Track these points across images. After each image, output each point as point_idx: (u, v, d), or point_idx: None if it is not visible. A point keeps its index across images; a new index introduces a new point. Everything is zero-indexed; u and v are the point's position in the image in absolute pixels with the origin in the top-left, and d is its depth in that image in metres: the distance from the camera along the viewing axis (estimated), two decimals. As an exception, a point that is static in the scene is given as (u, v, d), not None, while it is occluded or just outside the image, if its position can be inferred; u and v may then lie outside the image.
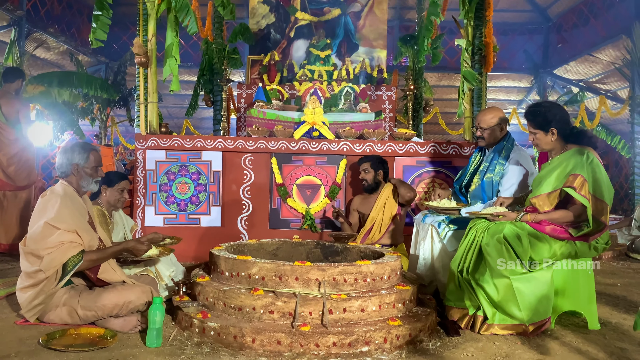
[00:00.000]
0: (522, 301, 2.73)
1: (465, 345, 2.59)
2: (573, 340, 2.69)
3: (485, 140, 3.57)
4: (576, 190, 2.72)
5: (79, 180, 2.84)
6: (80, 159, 2.82)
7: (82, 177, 2.83)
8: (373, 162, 4.30)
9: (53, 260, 2.55)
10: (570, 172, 2.78)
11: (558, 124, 2.90)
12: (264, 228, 4.68)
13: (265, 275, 2.68)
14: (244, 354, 2.37)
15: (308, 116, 4.90)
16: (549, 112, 2.92)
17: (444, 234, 3.29)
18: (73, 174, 2.82)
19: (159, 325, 2.44)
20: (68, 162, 2.81)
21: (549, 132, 2.92)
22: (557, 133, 2.91)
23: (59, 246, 2.57)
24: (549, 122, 2.91)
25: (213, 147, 4.67)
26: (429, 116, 10.74)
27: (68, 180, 2.83)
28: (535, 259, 2.79)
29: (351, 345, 2.41)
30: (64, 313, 2.63)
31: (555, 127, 2.90)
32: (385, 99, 6.61)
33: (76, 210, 2.72)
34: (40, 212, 2.68)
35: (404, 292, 2.77)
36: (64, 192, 2.75)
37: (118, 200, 3.43)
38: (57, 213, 2.62)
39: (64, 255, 2.57)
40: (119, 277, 2.76)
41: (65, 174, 2.83)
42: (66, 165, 2.82)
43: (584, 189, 2.71)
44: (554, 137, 2.92)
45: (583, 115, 10.71)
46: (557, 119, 2.90)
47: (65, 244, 2.58)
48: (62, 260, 2.56)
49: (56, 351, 2.30)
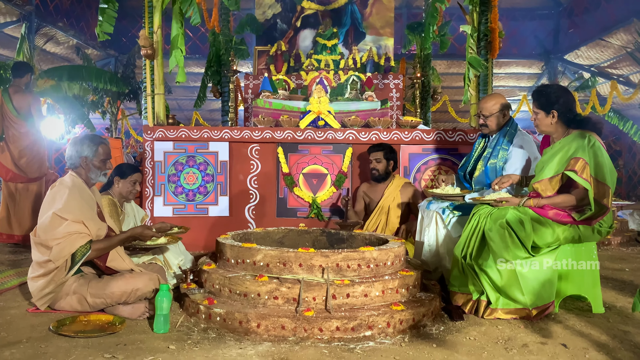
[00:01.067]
0: (526, 286, 2.74)
1: (469, 329, 2.61)
2: (576, 323, 2.70)
3: (489, 128, 3.55)
4: (578, 174, 2.71)
5: (88, 172, 2.89)
6: (89, 152, 2.87)
7: (91, 169, 2.89)
8: (386, 152, 4.30)
9: (62, 251, 2.62)
10: (572, 156, 2.77)
11: (560, 107, 2.89)
12: (271, 217, 4.72)
13: (270, 262, 2.71)
14: (249, 339, 2.41)
15: (313, 105, 4.91)
16: (553, 94, 2.91)
17: (448, 220, 3.30)
18: (82, 166, 2.88)
19: (166, 311, 2.50)
20: (77, 155, 2.87)
21: (550, 114, 2.91)
22: (557, 116, 2.90)
23: (67, 237, 2.63)
24: (551, 103, 2.90)
25: (220, 137, 4.71)
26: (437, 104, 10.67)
27: (77, 172, 2.89)
28: (538, 244, 2.80)
29: (354, 330, 2.44)
30: (74, 301, 2.70)
31: (556, 110, 2.89)
32: (392, 87, 6.58)
33: (84, 201, 2.78)
34: (49, 203, 2.74)
35: (408, 278, 2.79)
36: (72, 183, 2.81)
37: (130, 192, 3.49)
38: (64, 204, 2.68)
39: (72, 245, 2.63)
40: (127, 265, 2.82)
41: (74, 166, 2.89)
42: (75, 157, 2.87)
43: (586, 172, 2.71)
44: (554, 120, 2.91)
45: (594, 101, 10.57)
46: (560, 102, 2.89)
47: (73, 234, 2.64)
48: (71, 250, 2.62)
49: (66, 337, 2.36)
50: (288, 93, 5.65)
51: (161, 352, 2.23)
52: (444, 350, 2.31)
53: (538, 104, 2.96)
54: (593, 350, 2.32)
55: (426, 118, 7.28)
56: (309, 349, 2.30)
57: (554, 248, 2.82)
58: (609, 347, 2.36)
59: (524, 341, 2.43)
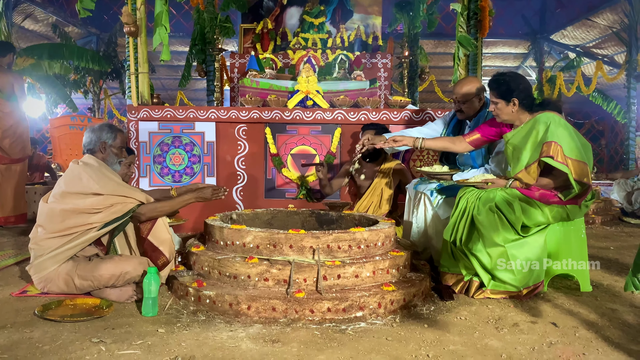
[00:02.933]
0: (516, 266, 2.74)
1: (459, 309, 2.62)
2: (565, 302, 2.72)
3: (465, 113, 3.48)
4: (554, 159, 2.69)
5: (105, 158, 2.93)
6: (109, 138, 2.94)
7: (109, 155, 2.94)
8: (377, 132, 4.25)
9: (114, 213, 2.67)
10: (543, 141, 2.75)
11: (520, 94, 2.87)
12: (259, 198, 4.67)
13: (260, 243, 2.68)
14: (240, 321, 2.39)
15: (302, 85, 4.83)
16: (512, 82, 2.88)
17: (436, 201, 3.28)
18: (100, 150, 2.93)
19: (155, 294, 2.45)
20: (97, 139, 2.93)
21: (510, 103, 2.88)
22: (518, 104, 2.87)
23: (114, 205, 2.68)
24: (511, 91, 2.87)
25: (206, 117, 4.62)
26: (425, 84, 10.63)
27: (95, 156, 2.90)
28: (528, 224, 2.79)
29: (345, 311, 2.43)
30: (62, 282, 2.65)
31: (517, 97, 2.87)
32: (380, 66, 6.50)
33: (113, 176, 2.81)
34: (73, 180, 2.72)
35: (398, 258, 2.78)
36: (97, 163, 2.84)
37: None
38: (98, 182, 2.69)
39: (123, 207, 2.69)
40: (168, 236, 2.81)
41: (92, 151, 2.93)
42: (95, 142, 2.92)
43: (560, 155, 2.68)
44: (515, 108, 2.89)
45: (579, 81, 10.63)
46: (519, 89, 2.87)
47: (119, 204, 2.69)
48: (123, 210, 2.68)
49: (52, 321, 2.31)
50: (275, 72, 5.55)
51: (150, 335, 2.19)
52: (435, 330, 2.31)
53: (497, 93, 2.91)
54: (583, 328, 2.34)
55: (414, 98, 7.25)
56: (300, 331, 2.28)
57: (543, 228, 2.82)
58: (598, 325, 2.38)
59: (514, 320, 2.45)
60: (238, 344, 2.11)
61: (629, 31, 9.87)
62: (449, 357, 2.03)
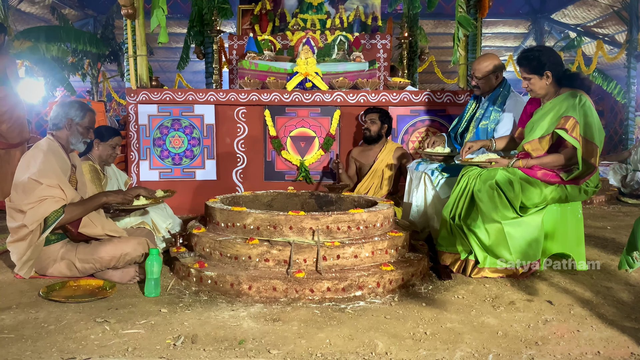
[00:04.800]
0: (513, 245, 2.78)
1: (457, 288, 2.66)
2: (561, 281, 2.76)
3: (481, 89, 3.53)
4: (568, 132, 2.71)
5: (70, 136, 2.83)
6: (77, 115, 2.83)
7: (74, 133, 2.83)
8: (382, 115, 4.28)
9: (35, 214, 2.57)
10: (562, 115, 2.77)
11: (552, 66, 2.86)
12: (259, 180, 4.69)
13: (260, 225, 2.70)
14: (241, 301, 2.43)
15: (301, 67, 4.80)
16: (543, 56, 2.88)
17: (437, 181, 3.30)
18: (65, 127, 2.81)
19: (157, 275, 2.49)
20: (64, 115, 2.81)
21: (544, 76, 2.88)
22: (551, 76, 2.87)
23: (41, 200, 2.58)
24: (543, 65, 2.86)
25: (205, 100, 4.61)
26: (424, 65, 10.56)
27: (57, 135, 2.82)
28: (526, 204, 2.82)
29: (345, 290, 2.47)
30: (63, 267, 2.68)
31: (549, 70, 2.86)
32: (379, 47, 6.45)
33: (58, 166, 2.72)
34: (23, 167, 2.68)
35: (397, 239, 2.81)
36: (47, 147, 2.75)
37: (110, 155, 3.42)
38: (40, 168, 2.62)
39: (46, 209, 2.58)
40: (99, 230, 2.74)
41: (57, 127, 2.82)
42: (61, 117, 2.81)
43: (575, 131, 2.71)
44: (549, 81, 2.88)
45: (580, 61, 10.55)
46: (551, 62, 2.86)
47: (47, 198, 2.59)
48: (44, 214, 2.57)
49: (57, 302, 2.35)
50: (274, 54, 5.51)
51: (153, 315, 2.23)
52: (433, 309, 2.35)
53: (529, 68, 2.90)
54: (577, 306, 2.38)
55: (413, 79, 7.21)
56: (300, 310, 2.32)
57: (541, 208, 2.85)
58: (592, 303, 2.42)
59: (510, 299, 2.48)
60: (240, 323, 2.15)
61: (630, 10, 9.77)
62: (446, 334, 2.07)
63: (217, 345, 1.94)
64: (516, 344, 1.98)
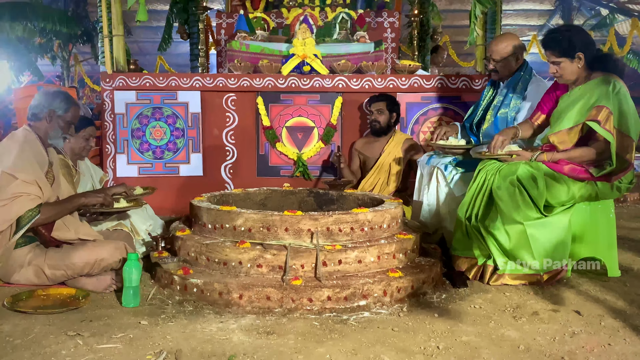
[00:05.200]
0: (536, 248, 2.79)
1: (473, 296, 2.67)
2: (590, 288, 2.77)
3: (499, 73, 3.52)
4: (600, 124, 2.71)
5: (49, 129, 2.84)
6: (60, 108, 2.84)
7: (54, 126, 2.84)
8: (389, 103, 4.28)
9: (8, 213, 2.57)
10: (595, 104, 2.77)
11: (584, 47, 2.85)
12: (251, 176, 4.69)
13: (252, 226, 2.71)
14: (231, 312, 2.43)
15: (297, 48, 4.80)
16: (573, 36, 2.87)
17: (451, 177, 3.31)
18: (46, 119, 2.82)
19: (136, 283, 2.49)
20: (46, 105, 2.82)
21: (575, 59, 2.86)
22: (583, 58, 2.86)
23: (15, 198, 2.58)
24: (574, 46, 2.84)
25: (190, 86, 4.61)
26: (437, 46, 10.53)
27: (35, 126, 2.83)
28: (551, 203, 2.82)
29: (347, 299, 2.47)
30: (30, 273, 2.68)
31: (581, 52, 2.85)
32: (387, 26, 6.44)
33: (35, 160, 2.72)
34: None
35: (406, 242, 2.82)
36: (24, 139, 2.75)
37: (83, 148, 3.43)
38: (15, 161, 2.62)
39: (20, 208, 2.58)
40: (72, 235, 2.75)
41: (36, 117, 2.83)
42: (42, 107, 2.82)
43: (609, 123, 2.71)
44: (581, 64, 2.87)
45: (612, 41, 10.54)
46: (582, 42, 2.85)
47: (22, 195, 2.59)
48: (18, 212, 2.57)
49: (23, 313, 2.35)
50: (268, 34, 5.51)
51: (132, 327, 2.23)
52: (447, 320, 2.35)
53: (558, 51, 2.88)
54: (609, 317, 2.38)
55: (425, 62, 7.19)
56: (297, 321, 2.33)
57: (568, 207, 2.85)
58: (626, 314, 2.42)
59: (534, 309, 2.49)
60: (229, 336, 2.16)
61: (670, -17, 9.77)
62: (461, 349, 2.07)
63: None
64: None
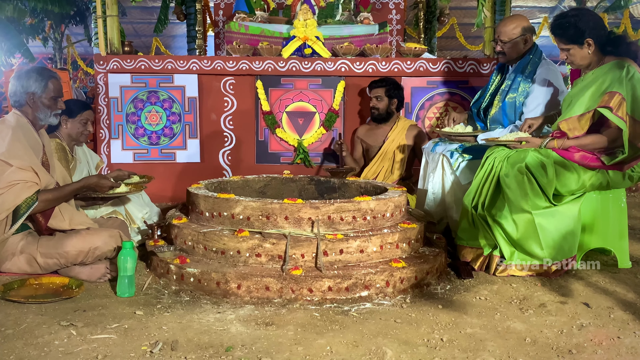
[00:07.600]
0: (545, 238, 2.79)
1: (479, 288, 2.68)
2: (600, 280, 2.78)
3: (507, 56, 3.51)
4: (612, 111, 2.70)
5: (35, 112, 2.81)
6: (37, 88, 2.79)
7: (39, 108, 2.81)
8: (388, 89, 4.25)
9: (4, 202, 2.57)
10: (607, 90, 2.76)
11: (593, 32, 2.84)
12: (249, 163, 4.70)
13: (251, 214, 2.71)
14: (229, 302, 2.45)
15: (299, 30, 4.77)
16: (580, 21, 2.85)
17: (457, 164, 3.31)
18: (28, 104, 2.80)
19: (131, 272, 2.51)
20: (23, 90, 2.78)
21: (585, 44, 2.86)
22: (594, 43, 2.85)
23: (12, 186, 2.58)
24: (582, 32, 2.84)
25: (187, 69, 4.60)
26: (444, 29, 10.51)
27: (23, 111, 2.81)
28: (561, 192, 2.82)
29: (349, 290, 2.48)
30: (22, 262, 2.69)
31: (591, 37, 2.84)
32: (392, 7, 6.42)
33: (29, 145, 2.72)
34: None
35: (409, 231, 2.82)
36: (16, 123, 2.74)
37: (81, 133, 3.42)
38: (8, 147, 2.62)
39: (17, 196, 2.58)
40: (66, 225, 2.76)
41: (19, 104, 2.81)
42: (20, 94, 2.79)
43: (622, 110, 2.70)
44: (591, 49, 2.86)
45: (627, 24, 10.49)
46: (590, 27, 2.84)
47: (19, 183, 2.59)
48: (16, 202, 2.58)
49: (15, 303, 2.37)
50: (268, 15, 5.48)
51: (127, 318, 2.24)
52: (451, 312, 2.36)
53: (566, 38, 2.88)
54: (618, 309, 2.39)
55: (431, 45, 7.17)
56: (297, 312, 2.34)
57: (578, 196, 2.85)
58: (636, 306, 2.43)
59: (541, 300, 2.50)
60: (227, 327, 2.17)
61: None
62: (465, 341, 2.08)
63: (200, 353, 1.95)
64: (547, 353, 1.99)
